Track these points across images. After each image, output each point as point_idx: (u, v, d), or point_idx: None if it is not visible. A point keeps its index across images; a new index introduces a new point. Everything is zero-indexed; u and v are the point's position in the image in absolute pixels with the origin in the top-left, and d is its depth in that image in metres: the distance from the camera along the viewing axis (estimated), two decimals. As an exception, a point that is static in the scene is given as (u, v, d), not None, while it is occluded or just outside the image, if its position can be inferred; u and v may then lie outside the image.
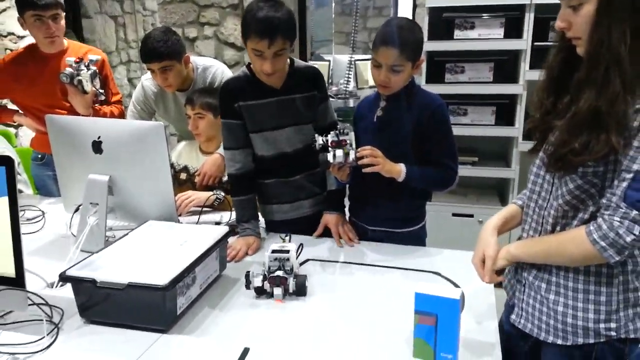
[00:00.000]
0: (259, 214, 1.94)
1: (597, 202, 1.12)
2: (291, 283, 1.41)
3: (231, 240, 1.74)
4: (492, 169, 3.11)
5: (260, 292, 1.42)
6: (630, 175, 1.05)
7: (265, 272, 1.42)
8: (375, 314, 1.35)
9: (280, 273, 1.41)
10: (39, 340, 1.22)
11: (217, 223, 1.98)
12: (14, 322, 1.29)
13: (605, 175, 1.09)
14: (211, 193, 2.07)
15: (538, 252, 1.22)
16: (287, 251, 1.43)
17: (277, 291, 1.40)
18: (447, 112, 1.72)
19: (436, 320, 1.12)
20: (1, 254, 1.22)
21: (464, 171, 2.84)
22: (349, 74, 5.26)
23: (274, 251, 1.44)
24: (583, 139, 1.06)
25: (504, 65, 2.97)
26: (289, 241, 1.58)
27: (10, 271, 1.23)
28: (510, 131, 2.97)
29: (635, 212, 1.04)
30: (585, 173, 1.10)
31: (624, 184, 1.05)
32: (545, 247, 1.20)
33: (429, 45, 2.94)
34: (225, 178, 2.12)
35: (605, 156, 1.06)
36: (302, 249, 1.65)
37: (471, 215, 3.08)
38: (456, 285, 1.47)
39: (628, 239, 1.05)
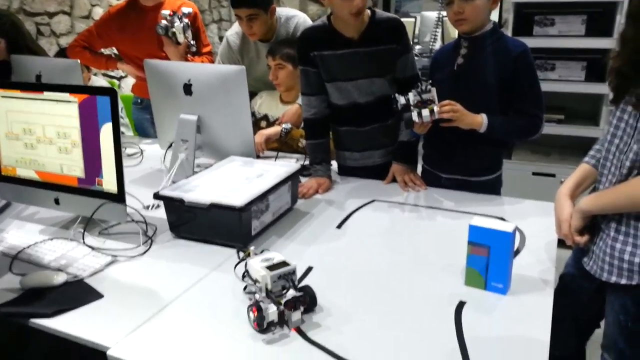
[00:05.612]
0: (333, 157, 2.04)
1: None
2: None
3: (304, 180, 1.87)
4: (578, 127, 2.98)
5: (267, 327, 1.06)
6: None
7: (271, 297, 1.07)
8: (430, 249, 1.42)
9: (292, 292, 1.07)
10: (136, 247, 1.42)
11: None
12: (116, 233, 1.51)
13: None
14: (279, 127, 2.20)
15: (607, 203, 1.23)
16: (285, 263, 1.11)
17: (296, 316, 1.06)
18: (532, 57, 1.66)
19: (489, 252, 1.17)
20: (106, 173, 1.43)
21: (548, 129, 2.75)
22: (435, 31, 5.14)
23: (270, 268, 1.09)
24: None
25: (599, 18, 2.80)
26: (252, 254, 1.20)
27: (113, 188, 1.43)
28: (601, 88, 2.82)
29: None
30: None
31: None
32: (614, 196, 1.21)
33: (517, -4, 2.84)
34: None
35: None
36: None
37: (553, 175, 3.00)
38: (518, 229, 1.49)
39: None
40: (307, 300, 1.08)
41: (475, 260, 1.19)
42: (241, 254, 1.21)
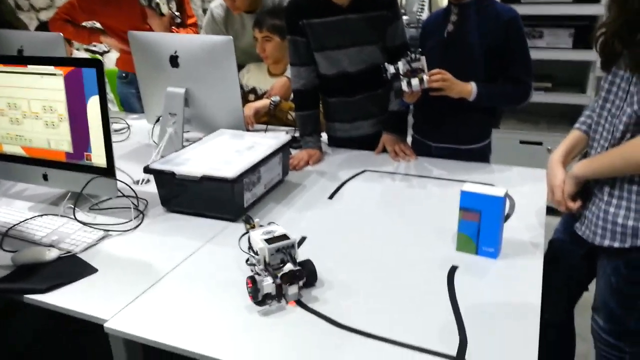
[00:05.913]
0: (323, 129, 2.03)
1: None
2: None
3: (295, 152, 1.86)
4: (566, 95, 2.99)
5: (263, 300, 1.05)
6: None
7: (269, 270, 1.07)
8: (421, 217, 1.43)
9: (290, 266, 1.07)
10: (127, 222, 1.42)
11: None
12: (107, 208, 1.50)
13: None
14: (267, 100, 2.18)
15: (601, 167, 1.23)
16: (285, 236, 1.10)
17: (293, 290, 1.07)
18: (522, 23, 1.65)
19: (480, 217, 1.18)
20: (95, 147, 1.41)
21: (536, 97, 2.75)
22: (423, 0, 5.08)
23: (269, 241, 1.08)
24: None
25: (587, -17, 2.79)
26: (257, 226, 1.22)
27: (102, 162, 1.41)
28: (589, 55, 2.82)
29: None
30: None
31: None
32: (608, 159, 1.21)
33: (504, -38, 2.80)
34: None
35: None
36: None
37: (539, 143, 3.01)
38: (508, 195, 1.50)
39: None
40: (304, 275, 1.07)
41: (466, 225, 1.21)
42: (247, 226, 1.20)
